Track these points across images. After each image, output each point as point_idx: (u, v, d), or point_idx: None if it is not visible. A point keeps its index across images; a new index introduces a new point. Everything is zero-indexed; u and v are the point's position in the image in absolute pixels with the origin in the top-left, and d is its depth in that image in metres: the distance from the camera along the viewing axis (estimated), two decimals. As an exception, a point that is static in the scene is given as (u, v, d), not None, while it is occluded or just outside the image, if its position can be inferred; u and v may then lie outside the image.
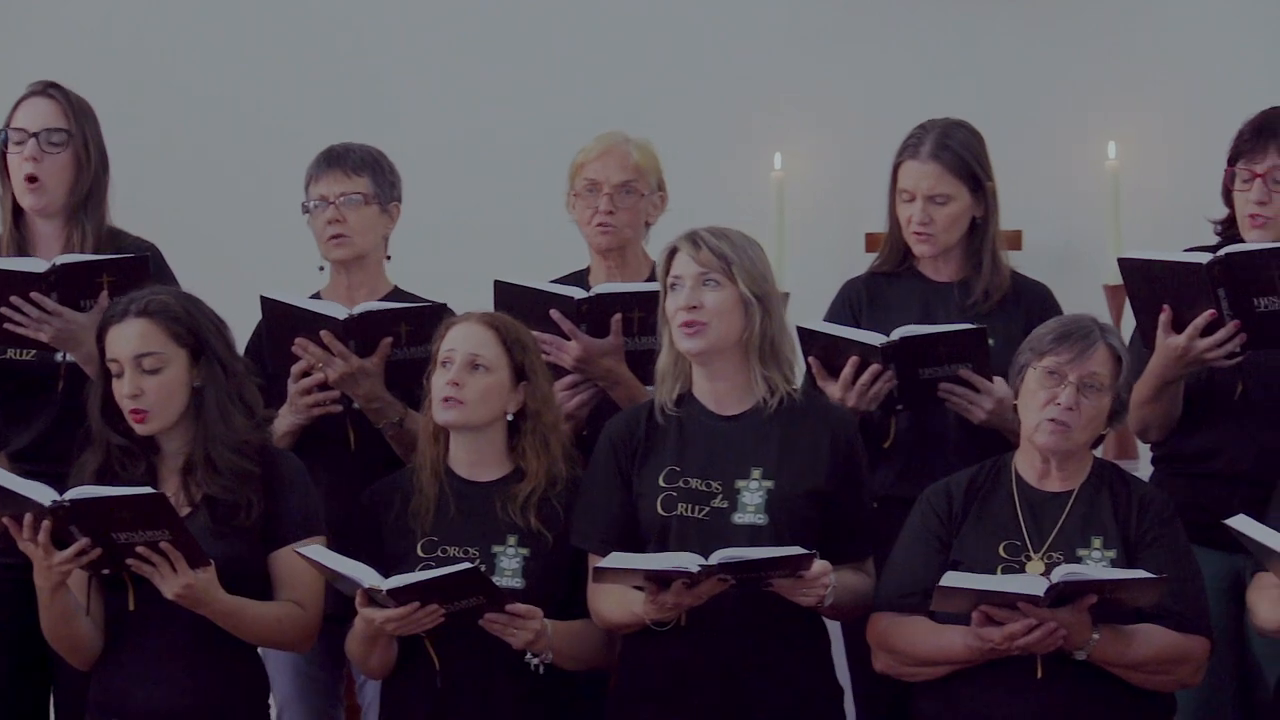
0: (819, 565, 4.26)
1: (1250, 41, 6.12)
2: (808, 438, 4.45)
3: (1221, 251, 4.50)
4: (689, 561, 4.21)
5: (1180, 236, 4.93)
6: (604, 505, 4.47)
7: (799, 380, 4.59)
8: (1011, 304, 4.87)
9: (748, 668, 4.36)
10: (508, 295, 4.82)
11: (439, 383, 4.49)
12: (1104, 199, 6.05)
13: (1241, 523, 4.17)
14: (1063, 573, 4.13)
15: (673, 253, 4.45)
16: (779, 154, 6.28)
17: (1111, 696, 4.25)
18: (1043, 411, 4.36)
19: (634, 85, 6.31)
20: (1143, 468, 5.01)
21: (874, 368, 4.68)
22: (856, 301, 4.96)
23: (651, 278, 4.92)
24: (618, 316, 4.77)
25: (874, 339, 4.70)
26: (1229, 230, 4.78)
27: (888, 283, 4.97)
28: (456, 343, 4.50)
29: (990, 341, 4.70)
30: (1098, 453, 4.56)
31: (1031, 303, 4.86)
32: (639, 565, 4.25)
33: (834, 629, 4.58)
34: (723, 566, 4.20)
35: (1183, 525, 4.40)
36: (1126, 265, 4.64)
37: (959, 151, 4.85)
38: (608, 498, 4.47)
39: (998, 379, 4.64)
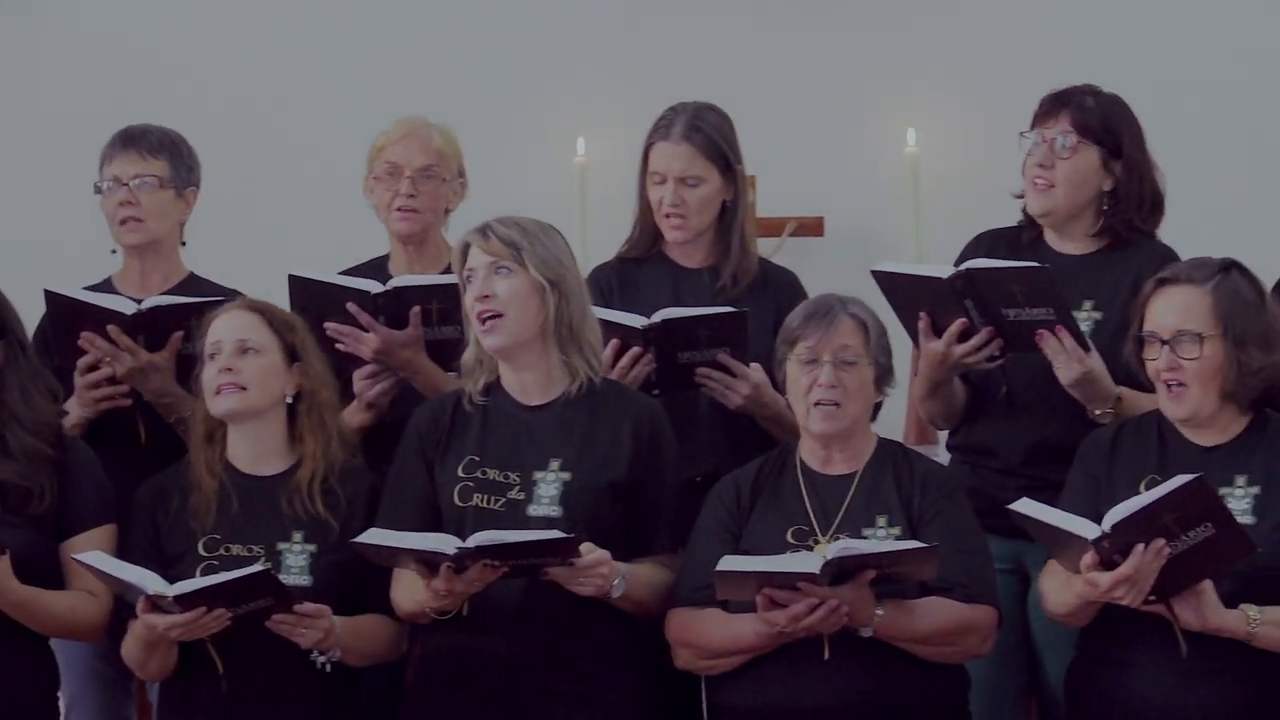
0: (595, 555, 4.28)
1: (1047, 27, 6.21)
2: (609, 428, 4.47)
3: (962, 267, 4.62)
4: (447, 544, 4.21)
5: (979, 221, 5.01)
6: (407, 494, 4.47)
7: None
8: (760, 290, 4.91)
9: (535, 659, 4.37)
10: (303, 289, 4.77)
11: (210, 375, 4.43)
12: (904, 185, 6.14)
13: (1026, 505, 4.24)
14: (837, 549, 4.19)
15: (466, 246, 4.46)
16: (581, 139, 6.27)
17: (902, 672, 4.30)
18: (808, 398, 4.41)
19: (434, 72, 6.27)
20: (942, 453, 5.07)
21: (634, 350, 4.70)
22: (607, 287, 4.96)
23: (450, 267, 4.91)
24: (416, 309, 4.75)
25: (635, 321, 4.72)
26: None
27: (638, 268, 4.99)
28: (222, 333, 4.47)
29: None
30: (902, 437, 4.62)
31: (780, 290, 4.91)
32: (397, 544, 4.25)
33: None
34: (480, 550, 4.19)
35: (967, 499, 4.47)
36: (880, 277, 4.73)
37: (710, 134, 4.89)
38: (411, 486, 4.47)
39: (755, 364, 4.68)
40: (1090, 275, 4.76)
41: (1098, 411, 4.62)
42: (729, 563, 4.23)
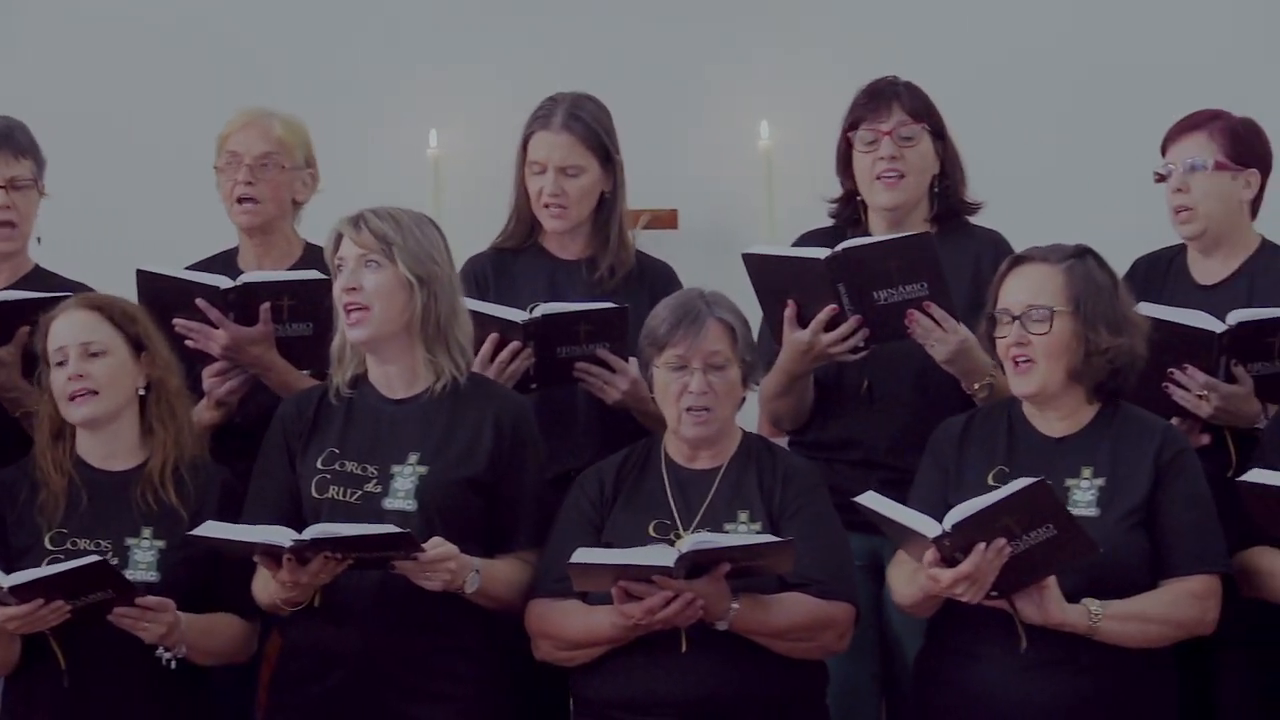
0: (440, 549, 4.30)
1: (901, 19, 6.26)
2: (471, 423, 4.48)
3: (839, 247, 4.67)
4: (283, 536, 4.22)
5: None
6: (270, 486, 4.49)
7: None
8: (636, 282, 4.94)
9: (389, 653, 4.39)
10: (152, 284, 4.74)
11: (60, 382, 4.39)
12: (757, 178, 6.15)
13: (871, 499, 4.30)
14: (692, 542, 4.23)
15: (338, 236, 4.47)
16: (434, 131, 6.28)
17: (758, 666, 4.35)
18: (679, 404, 4.44)
19: (285, 64, 6.24)
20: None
21: (513, 345, 4.71)
22: (483, 278, 4.98)
23: (302, 260, 4.89)
24: (266, 305, 4.73)
25: (515, 315, 4.73)
26: (846, 209, 4.95)
27: (514, 259, 5.00)
28: (64, 336, 4.46)
29: None
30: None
31: (656, 282, 4.94)
32: (233, 536, 4.26)
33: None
34: (316, 543, 4.21)
35: (829, 496, 4.52)
36: (750, 260, 4.77)
37: (590, 123, 4.93)
38: (273, 478, 4.49)
39: (633, 359, 4.71)
40: None
41: (975, 386, 4.69)
42: (584, 555, 4.27)
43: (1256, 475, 4.27)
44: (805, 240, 4.99)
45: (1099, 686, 4.30)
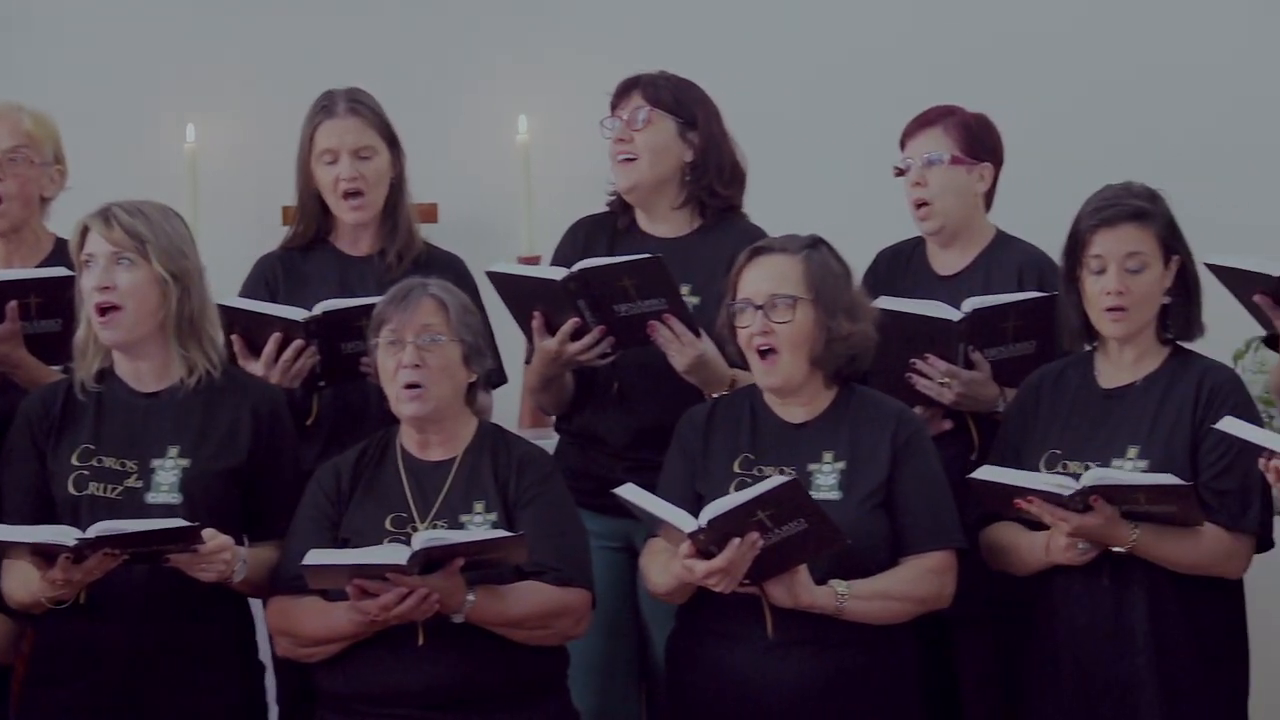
0: (217, 540, 4.33)
1: (660, 14, 6.35)
2: (228, 415, 4.52)
3: (575, 268, 4.77)
4: (66, 535, 4.22)
5: (591, 208, 5.17)
6: (18, 484, 4.48)
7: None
8: (424, 272, 4.90)
9: (155, 647, 4.41)
10: None
11: None
12: (516, 172, 6.20)
13: (629, 491, 4.39)
14: (424, 539, 4.28)
15: (85, 230, 4.44)
16: (191, 125, 6.25)
17: (496, 655, 4.41)
18: (394, 382, 4.49)
19: (37, 60, 6.19)
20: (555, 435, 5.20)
21: (297, 343, 4.76)
22: (273, 277, 5.01)
23: (52, 256, 4.90)
24: (13, 303, 4.71)
25: (296, 314, 4.77)
26: (617, 197, 5.06)
27: (303, 257, 5.03)
28: None
29: None
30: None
31: (445, 273, 4.95)
32: (12, 538, 4.25)
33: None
34: (100, 540, 4.22)
35: (564, 483, 4.59)
36: (495, 278, 4.86)
37: (373, 107, 4.98)
38: (21, 476, 4.48)
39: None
40: (684, 258, 4.92)
41: (715, 395, 4.78)
42: (317, 556, 4.30)
43: (984, 472, 4.42)
44: (578, 228, 5.09)
45: (844, 664, 4.41)
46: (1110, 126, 6.10)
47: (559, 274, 4.76)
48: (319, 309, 4.76)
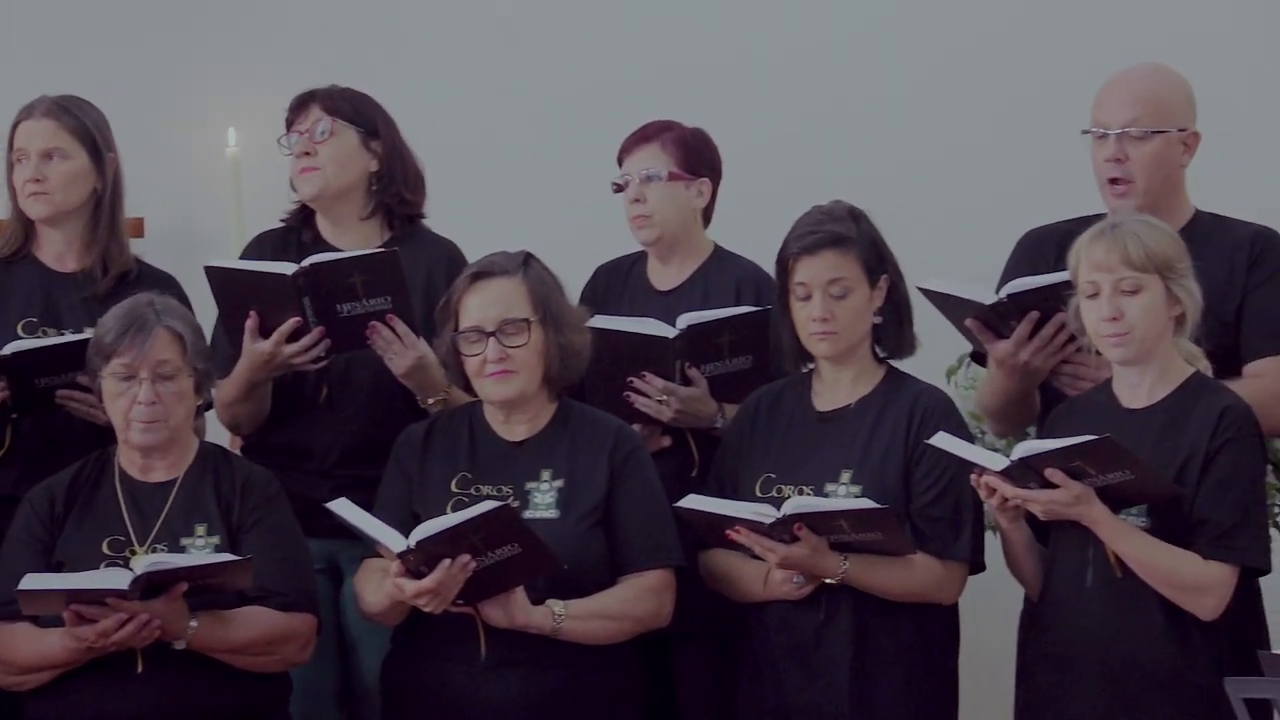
0: None
1: (372, 28, 6.33)
2: None
3: (308, 261, 4.78)
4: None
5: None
6: None
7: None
8: (133, 289, 4.87)
9: None
10: None
11: None
12: (225, 185, 6.16)
13: (341, 506, 4.42)
14: (147, 563, 4.26)
15: None
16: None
17: (218, 682, 4.40)
18: (128, 414, 4.46)
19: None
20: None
21: None
22: None
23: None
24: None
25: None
26: (300, 211, 5.09)
27: (6, 270, 4.96)
28: None
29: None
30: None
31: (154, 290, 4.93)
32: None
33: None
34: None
35: (289, 505, 4.60)
36: (213, 273, 4.83)
37: (78, 115, 4.97)
38: None
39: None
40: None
41: (430, 401, 4.80)
42: (33, 580, 4.26)
43: (690, 501, 4.49)
44: (258, 242, 5.09)
45: (561, 683, 4.46)
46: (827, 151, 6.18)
47: (289, 268, 4.75)
48: (8, 350, 4.70)
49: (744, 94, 6.15)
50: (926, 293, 4.69)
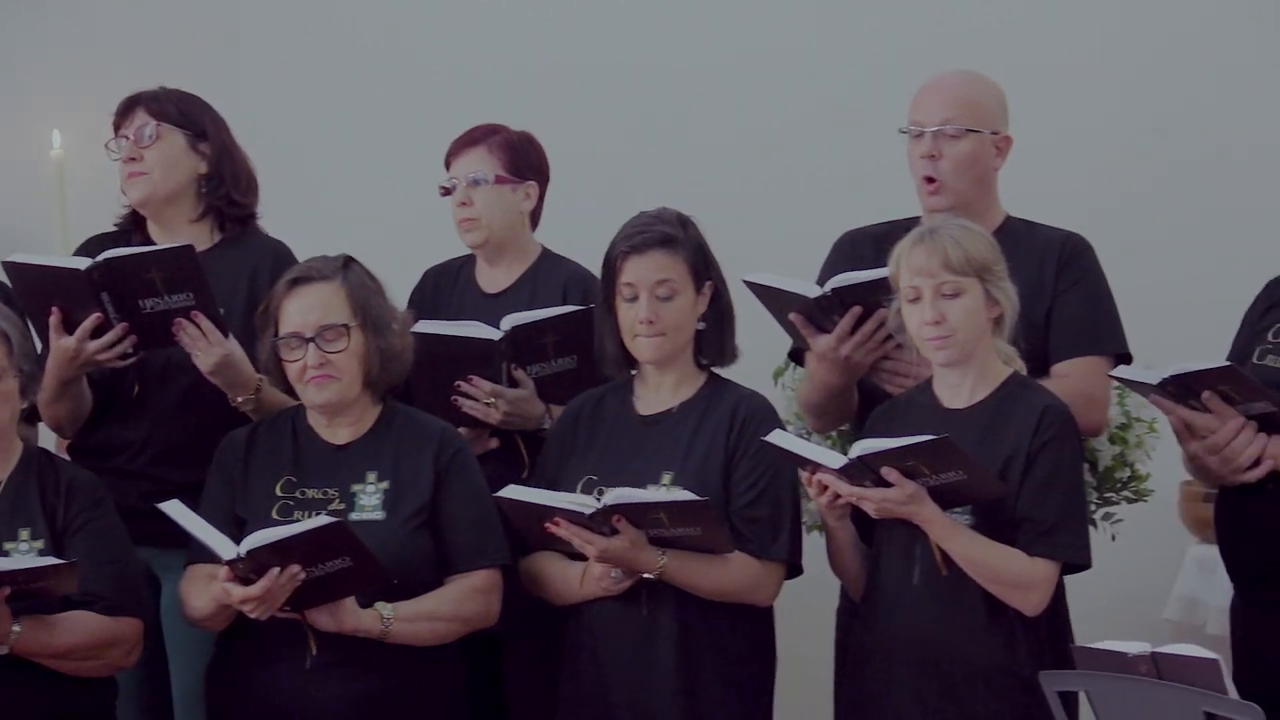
0: None
1: (194, 27, 6.32)
2: None
3: (101, 257, 4.77)
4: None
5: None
6: None
7: None
8: None
9: None
10: None
11: None
12: (49, 188, 6.12)
13: (173, 509, 4.41)
14: None
15: None
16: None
17: (45, 686, 4.37)
18: None
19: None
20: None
21: None
22: None
23: None
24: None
25: None
26: (131, 214, 5.07)
27: None
28: None
29: None
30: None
31: None
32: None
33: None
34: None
35: (113, 508, 4.58)
36: (12, 269, 4.82)
37: None
38: None
39: None
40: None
41: (240, 399, 4.80)
42: None
43: (510, 491, 4.53)
44: (86, 246, 5.07)
45: (387, 685, 4.48)
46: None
47: (83, 264, 4.74)
48: None
49: (572, 99, 6.20)
50: (751, 285, 4.75)
